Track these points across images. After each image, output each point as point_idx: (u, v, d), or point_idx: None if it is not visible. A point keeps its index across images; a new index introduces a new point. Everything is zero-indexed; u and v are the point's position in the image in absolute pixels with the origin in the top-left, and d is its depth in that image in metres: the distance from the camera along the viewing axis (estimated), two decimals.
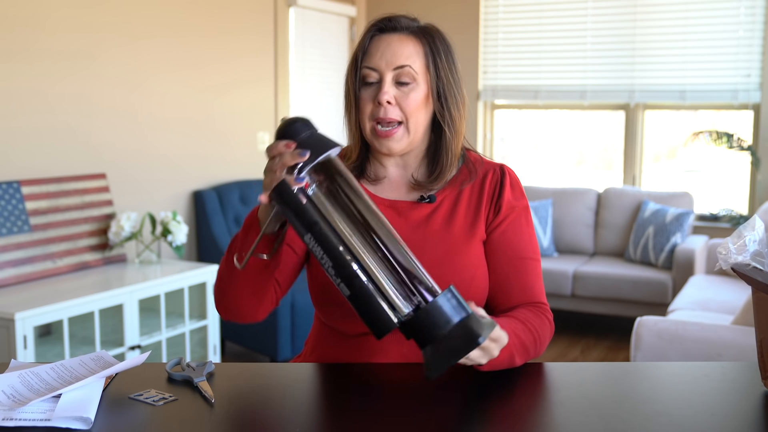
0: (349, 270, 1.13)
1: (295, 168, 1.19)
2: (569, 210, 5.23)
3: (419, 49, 1.44)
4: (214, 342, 3.70)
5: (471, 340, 1.09)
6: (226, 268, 1.39)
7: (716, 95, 5.07)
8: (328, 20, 5.35)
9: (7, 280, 3.12)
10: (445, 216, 1.47)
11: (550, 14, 5.46)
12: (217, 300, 1.43)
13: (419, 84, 1.43)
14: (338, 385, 1.33)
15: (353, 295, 1.12)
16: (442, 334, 1.10)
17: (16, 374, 1.23)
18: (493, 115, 5.77)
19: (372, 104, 1.43)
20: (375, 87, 1.43)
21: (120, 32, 3.84)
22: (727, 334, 2.76)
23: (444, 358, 1.09)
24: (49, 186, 3.40)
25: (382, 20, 1.46)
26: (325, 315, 1.48)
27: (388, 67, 1.42)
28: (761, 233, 1.23)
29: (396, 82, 1.42)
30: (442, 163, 1.47)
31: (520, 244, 1.47)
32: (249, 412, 1.17)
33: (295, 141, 1.20)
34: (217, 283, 1.42)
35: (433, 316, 1.10)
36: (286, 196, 1.17)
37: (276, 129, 1.24)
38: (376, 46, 1.44)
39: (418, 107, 1.43)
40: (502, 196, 1.48)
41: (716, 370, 1.38)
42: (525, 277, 1.46)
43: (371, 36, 1.45)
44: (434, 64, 1.44)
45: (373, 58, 1.43)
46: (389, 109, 1.41)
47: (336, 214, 1.18)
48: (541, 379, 1.36)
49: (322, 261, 1.14)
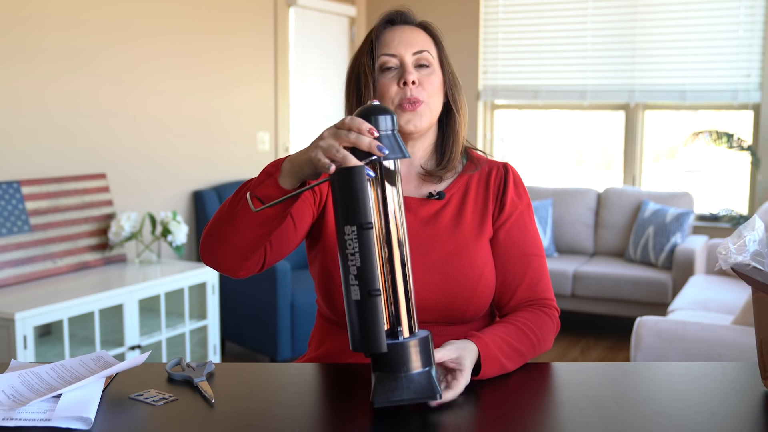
0: (373, 281, 1.09)
1: (363, 157, 1.13)
2: (569, 210, 5.23)
3: (430, 40, 1.51)
4: (214, 342, 3.70)
5: (429, 393, 1.13)
6: (228, 211, 1.31)
7: (716, 95, 5.07)
8: (328, 20, 5.35)
9: (7, 280, 3.12)
10: (454, 213, 1.49)
11: (550, 14, 5.46)
12: (205, 242, 1.36)
13: (436, 70, 1.49)
14: (338, 385, 1.33)
15: (363, 304, 1.09)
16: (405, 374, 1.13)
17: (16, 374, 1.23)
18: (493, 115, 5.77)
19: (395, 86, 1.45)
20: (396, 72, 1.46)
21: (120, 32, 3.84)
22: (727, 334, 2.76)
23: (394, 393, 1.12)
24: (49, 186, 3.40)
25: (393, 13, 1.52)
26: (332, 307, 1.48)
27: (408, 51, 1.46)
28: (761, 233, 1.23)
29: (416, 65, 1.47)
30: (451, 150, 1.51)
31: (525, 242, 1.49)
32: (249, 412, 1.17)
33: (378, 131, 1.14)
34: (211, 225, 1.34)
35: (409, 354, 1.13)
36: (357, 183, 1.09)
37: (364, 107, 1.17)
38: (391, 35, 1.49)
39: (437, 90, 1.47)
40: (506, 194, 1.51)
41: (716, 370, 1.38)
42: (531, 274, 1.48)
43: (383, 27, 1.50)
44: (445, 56, 1.52)
45: (390, 45, 1.47)
46: (415, 89, 1.44)
47: (383, 223, 1.15)
48: (541, 379, 1.36)
49: (349, 258, 1.09)
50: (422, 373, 1.14)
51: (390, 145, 1.13)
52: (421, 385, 1.13)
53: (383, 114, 1.15)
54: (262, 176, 1.27)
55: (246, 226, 1.28)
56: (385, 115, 1.15)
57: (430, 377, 1.14)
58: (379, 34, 1.49)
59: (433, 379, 1.14)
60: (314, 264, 1.51)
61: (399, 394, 1.13)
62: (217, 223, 1.33)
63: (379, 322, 1.09)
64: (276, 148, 4.94)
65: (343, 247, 1.10)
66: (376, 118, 1.14)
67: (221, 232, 1.32)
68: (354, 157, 1.11)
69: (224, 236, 1.32)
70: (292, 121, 5.10)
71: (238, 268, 1.35)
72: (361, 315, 1.10)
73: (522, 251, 1.49)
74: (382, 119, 1.14)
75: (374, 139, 1.13)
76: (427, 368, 1.14)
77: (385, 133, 1.14)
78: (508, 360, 1.34)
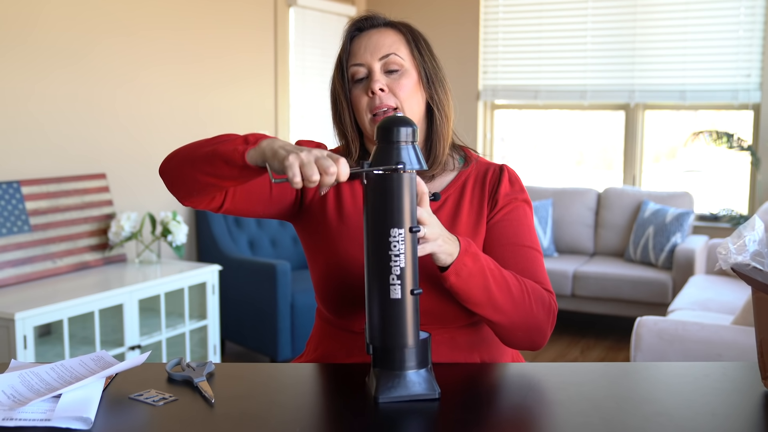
0: (415, 281, 1.17)
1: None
2: (569, 210, 5.23)
3: (400, 38, 1.47)
4: (214, 342, 3.70)
5: (428, 392, 1.19)
6: (194, 147, 1.33)
7: (716, 95, 5.07)
8: (328, 20, 5.35)
9: (7, 280, 3.12)
10: (450, 214, 1.47)
11: (550, 14, 5.46)
12: (164, 162, 1.37)
13: (408, 70, 1.45)
14: (338, 385, 1.33)
15: (403, 302, 1.16)
16: (406, 372, 1.19)
17: (16, 374, 1.23)
18: (493, 115, 5.77)
19: (366, 96, 1.44)
20: (365, 81, 1.45)
21: (120, 31, 3.84)
22: (727, 334, 2.76)
23: (397, 390, 1.18)
24: (49, 186, 3.40)
25: (359, 20, 1.49)
26: (330, 308, 1.48)
27: (374, 58, 1.44)
28: (761, 233, 1.23)
29: (385, 71, 1.44)
30: (437, 148, 1.48)
31: (518, 233, 1.46)
32: (249, 412, 1.17)
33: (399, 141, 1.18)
34: (176, 152, 1.36)
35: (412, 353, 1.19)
36: (410, 188, 1.16)
37: (387, 118, 1.20)
38: (358, 44, 1.46)
39: (411, 92, 1.44)
40: (499, 189, 1.48)
41: (716, 370, 1.38)
42: (524, 264, 1.43)
43: (351, 36, 1.48)
44: (418, 50, 1.47)
45: (357, 54, 1.45)
46: (383, 96, 1.42)
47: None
48: (541, 379, 1.36)
49: (392, 259, 1.15)
50: (422, 372, 1.20)
51: (407, 156, 1.17)
52: (421, 384, 1.19)
53: (404, 126, 1.19)
54: (240, 139, 1.27)
55: (198, 170, 1.30)
56: (406, 126, 1.19)
57: (429, 376, 1.20)
58: (348, 44, 1.47)
59: (432, 379, 1.20)
60: (317, 267, 1.49)
61: (401, 391, 1.18)
62: (182, 151, 1.35)
63: (417, 319, 1.18)
64: None
65: (386, 249, 1.16)
66: (397, 130, 1.18)
67: (180, 160, 1.34)
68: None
69: (179, 166, 1.34)
70: (292, 121, 5.10)
71: (182, 198, 1.38)
72: (400, 313, 1.17)
73: (514, 241, 1.45)
74: (402, 131, 1.18)
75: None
76: (425, 368, 1.21)
77: (404, 144, 1.18)
78: (493, 279, 1.31)
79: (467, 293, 1.30)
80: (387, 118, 1.21)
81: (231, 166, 1.24)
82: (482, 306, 1.32)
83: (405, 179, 1.15)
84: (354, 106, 1.46)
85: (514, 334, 1.37)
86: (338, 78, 1.47)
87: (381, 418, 1.15)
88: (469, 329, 1.45)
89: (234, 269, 4.09)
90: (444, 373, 1.31)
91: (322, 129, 5.30)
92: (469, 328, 1.45)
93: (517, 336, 1.38)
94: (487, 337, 1.47)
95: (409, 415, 1.16)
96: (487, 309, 1.33)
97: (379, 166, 1.16)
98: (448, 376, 1.31)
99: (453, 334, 1.43)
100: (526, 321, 1.36)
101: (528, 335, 1.38)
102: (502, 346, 1.48)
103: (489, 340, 1.47)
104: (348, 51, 1.46)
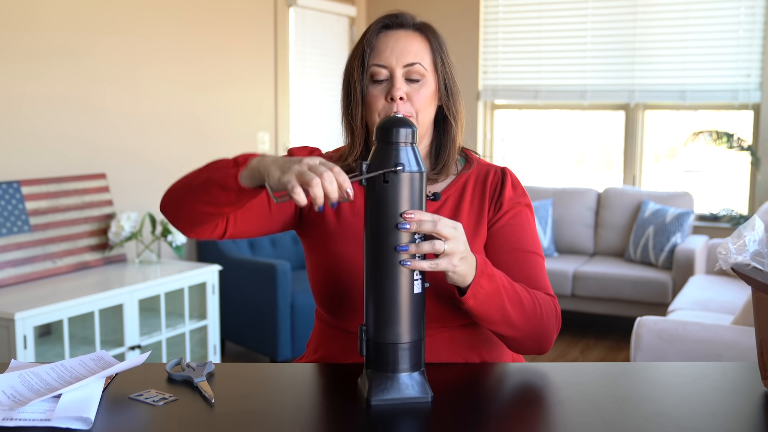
0: (415, 279, 1.19)
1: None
2: (569, 210, 5.23)
3: (426, 46, 1.46)
4: (214, 342, 3.70)
5: (421, 394, 1.19)
6: (189, 179, 1.36)
7: (716, 95, 5.07)
8: (328, 20, 5.35)
9: (7, 280, 3.12)
10: (450, 214, 1.47)
11: (550, 14, 5.46)
12: (164, 197, 1.41)
13: (428, 80, 1.45)
14: (338, 385, 1.33)
15: (422, 296, 1.20)
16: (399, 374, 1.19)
17: (16, 374, 1.23)
18: (493, 115, 5.77)
19: (383, 100, 1.43)
20: (385, 84, 1.44)
21: (121, 31, 3.84)
22: (727, 334, 2.76)
23: (389, 392, 1.18)
24: (49, 186, 3.40)
25: (389, 16, 1.47)
26: (328, 309, 1.48)
27: (399, 64, 1.43)
28: (761, 233, 1.23)
29: (406, 78, 1.44)
30: (447, 155, 1.49)
31: (521, 238, 1.46)
32: (249, 412, 1.17)
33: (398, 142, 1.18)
34: (174, 185, 1.39)
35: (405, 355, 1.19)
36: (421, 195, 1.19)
37: (387, 117, 1.21)
38: (384, 42, 1.45)
39: (427, 103, 1.44)
40: (503, 194, 1.48)
41: (716, 370, 1.38)
42: (527, 269, 1.44)
43: (377, 32, 1.46)
44: (441, 60, 1.47)
45: (382, 55, 1.44)
46: (401, 105, 1.42)
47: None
48: (541, 379, 1.36)
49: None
50: (414, 375, 1.20)
51: (406, 158, 1.17)
52: (414, 387, 1.19)
53: (403, 126, 1.18)
54: (230, 163, 1.29)
55: (197, 200, 1.33)
56: (405, 127, 1.18)
57: (422, 379, 1.20)
58: (372, 40, 1.45)
59: (425, 381, 1.20)
60: (314, 269, 1.49)
61: (394, 393, 1.18)
62: (178, 184, 1.38)
63: (417, 318, 1.20)
64: (276, 148, 4.94)
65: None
66: (397, 131, 1.18)
67: (179, 194, 1.38)
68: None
69: (178, 199, 1.38)
70: (292, 121, 5.10)
71: (185, 230, 1.41)
72: (419, 306, 1.19)
73: (516, 246, 1.45)
74: (402, 132, 1.18)
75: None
76: (418, 370, 1.20)
77: (403, 145, 1.18)
78: (507, 296, 1.30)
79: (484, 314, 1.30)
80: (387, 118, 1.21)
81: (227, 191, 1.27)
82: (497, 324, 1.33)
83: (404, 179, 1.16)
84: (368, 104, 1.45)
85: (524, 343, 1.39)
86: (358, 72, 1.46)
87: (380, 419, 1.15)
88: (469, 329, 1.45)
89: (234, 269, 4.09)
90: (443, 372, 1.31)
91: (322, 129, 5.30)
92: (468, 327, 1.44)
93: (526, 345, 1.39)
94: (486, 336, 1.47)
95: (407, 415, 1.16)
96: (501, 326, 1.33)
97: (379, 166, 1.16)
98: (447, 376, 1.31)
99: (452, 334, 1.43)
100: (537, 332, 1.37)
101: (537, 344, 1.40)
102: (502, 346, 1.48)
103: (489, 340, 1.47)
104: (372, 47, 1.45)
